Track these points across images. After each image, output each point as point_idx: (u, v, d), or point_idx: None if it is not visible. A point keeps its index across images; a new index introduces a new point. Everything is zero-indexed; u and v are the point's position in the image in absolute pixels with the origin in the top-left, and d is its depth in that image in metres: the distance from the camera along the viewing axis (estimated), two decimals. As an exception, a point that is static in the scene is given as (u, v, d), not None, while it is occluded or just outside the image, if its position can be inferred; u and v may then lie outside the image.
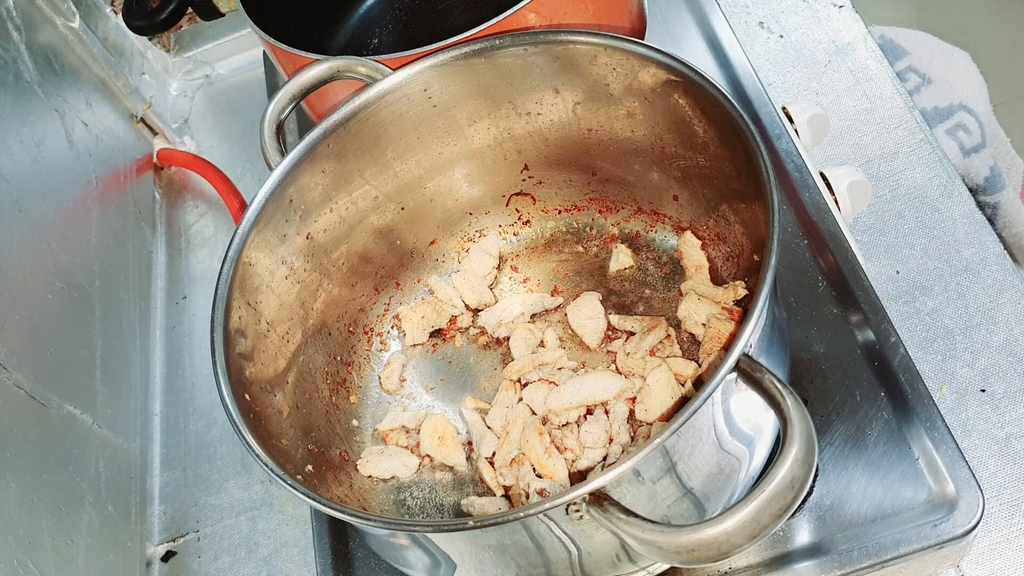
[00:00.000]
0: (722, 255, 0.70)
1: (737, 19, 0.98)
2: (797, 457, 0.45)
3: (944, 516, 0.61)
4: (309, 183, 0.68)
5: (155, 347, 0.94)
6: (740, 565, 0.63)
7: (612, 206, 0.76)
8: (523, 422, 0.66)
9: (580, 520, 0.49)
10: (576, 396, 0.65)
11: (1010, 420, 0.72)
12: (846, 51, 0.94)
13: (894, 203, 0.84)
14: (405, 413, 0.72)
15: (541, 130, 0.73)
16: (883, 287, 0.79)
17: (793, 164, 0.78)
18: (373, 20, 0.91)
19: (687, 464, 0.53)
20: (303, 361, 0.69)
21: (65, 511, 0.71)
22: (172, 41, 1.18)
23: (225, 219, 1.01)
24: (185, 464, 0.87)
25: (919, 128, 0.88)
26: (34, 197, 0.80)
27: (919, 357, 0.75)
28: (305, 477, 0.62)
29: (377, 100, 0.68)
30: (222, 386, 0.58)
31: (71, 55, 0.95)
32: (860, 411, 0.67)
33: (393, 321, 0.77)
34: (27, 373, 0.71)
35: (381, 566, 0.69)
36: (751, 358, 0.50)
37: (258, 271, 0.65)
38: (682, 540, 0.45)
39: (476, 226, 0.79)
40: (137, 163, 1.02)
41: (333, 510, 0.52)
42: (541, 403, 0.67)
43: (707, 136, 0.64)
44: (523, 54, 0.67)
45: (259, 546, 0.81)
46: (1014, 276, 0.78)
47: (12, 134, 0.80)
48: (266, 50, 0.88)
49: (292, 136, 0.93)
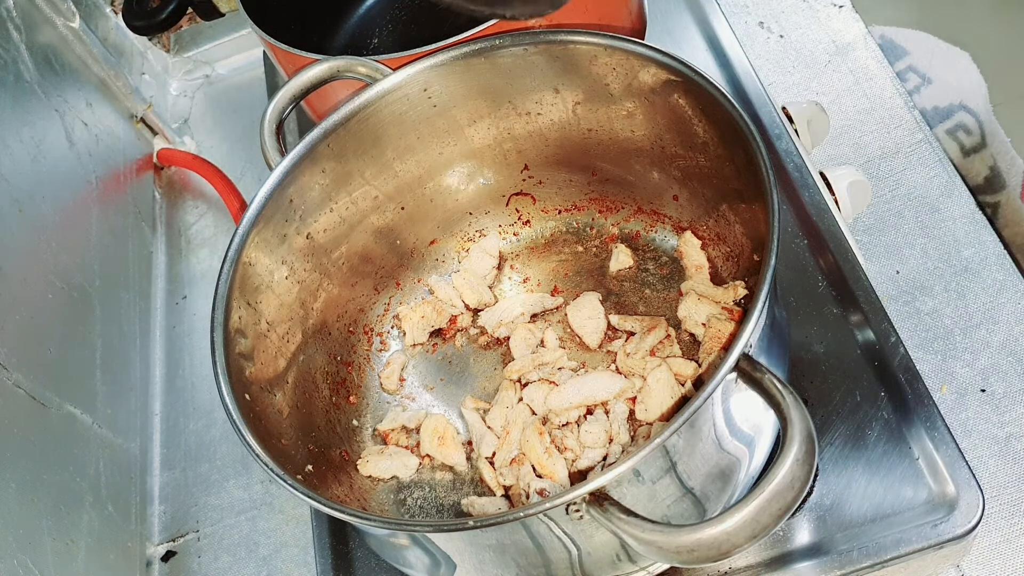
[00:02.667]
0: (722, 255, 0.70)
1: (737, 19, 0.98)
2: (797, 457, 0.45)
3: (944, 516, 0.61)
4: (309, 183, 0.68)
5: (155, 347, 0.94)
6: (740, 565, 0.63)
7: (612, 206, 0.76)
8: (523, 422, 0.66)
9: (580, 520, 0.49)
10: (576, 396, 0.65)
11: (1010, 420, 0.72)
12: (846, 51, 0.94)
13: (894, 203, 0.84)
14: (405, 413, 0.72)
15: (541, 130, 0.73)
16: (883, 287, 0.79)
17: (793, 164, 0.78)
18: (373, 20, 0.91)
19: (687, 464, 0.53)
20: (303, 361, 0.69)
21: (65, 511, 0.71)
22: (172, 41, 1.18)
23: (225, 219, 1.01)
24: (185, 464, 0.87)
25: (919, 128, 0.88)
26: (34, 197, 0.80)
27: (919, 357, 0.75)
28: (305, 477, 0.62)
29: (377, 100, 0.68)
30: (222, 386, 0.58)
31: (71, 55, 0.95)
32: (860, 411, 0.67)
33: (393, 321, 0.77)
34: (27, 373, 0.71)
35: (381, 566, 0.69)
36: (751, 358, 0.50)
37: (258, 271, 0.65)
38: (682, 540, 0.45)
39: (476, 226, 0.79)
40: (137, 163, 1.02)
41: (333, 510, 0.52)
42: (541, 403, 0.67)
43: (707, 136, 0.64)
44: (523, 54, 0.67)
45: (259, 546, 0.81)
46: (1014, 276, 0.78)
47: (12, 134, 0.80)
48: (266, 50, 0.88)
49: (292, 136, 0.93)
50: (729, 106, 0.58)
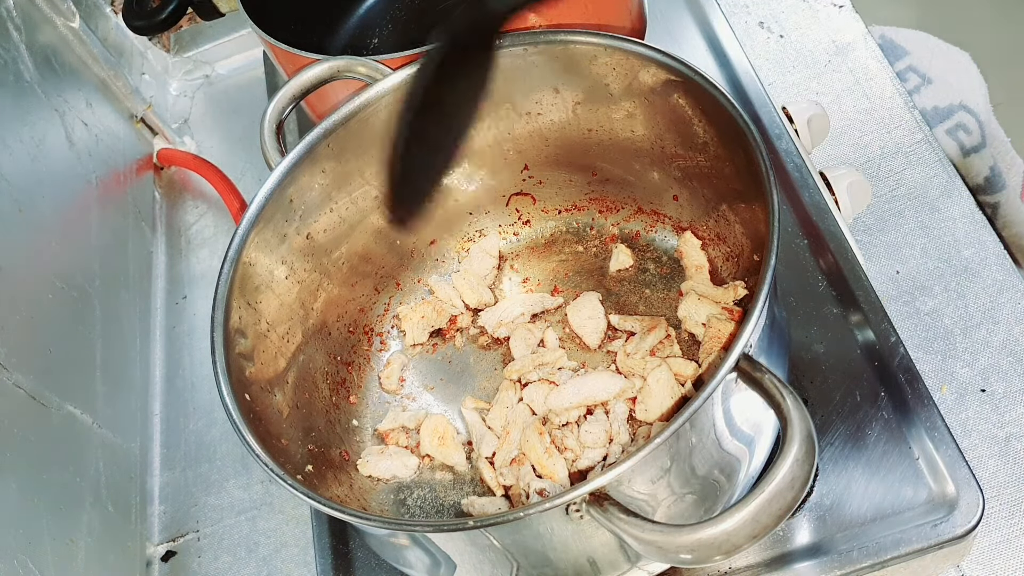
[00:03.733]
0: (722, 255, 0.70)
1: (737, 19, 0.98)
2: (797, 457, 0.45)
3: (944, 516, 0.61)
4: (309, 183, 0.68)
5: (155, 347, 0.94)
6: (740, 565, 0.63)
7: (612, 206, 0.76)
8: (523, 422, 0.66)
9: (580, 520, 0.49)
10: (576, 396, 0.65)
11: (1010, 420, 0.72)
12: (846, 51, 0.94)
13: (894, 203, 0.84)
14: (405, 413, 0.72)
15: (541, 130, 0.73)
16: (883, 287, 0.79)
17: (793, 164, 0.78)
18: (373, 20, 0.91)
19: (687, 464, 0.53)
20: (303, 361, 0.69)
21: (65, 511, 0.71)
22: (172, 41, 1.18)
23: (225, 219, 1.01)
24: (185, 464, 0.87)
25: (919, 128, 0.88)
26: (34, 197, 0.80)
27: (919, 357, 0.75)
28: (305, 477, 0.62)
29: (377, 100, 0.68)
30: (222, 386, 0.58)
31: (71, 55, 0.95)
32: (860, 411, 0.67)
33: (393, 321, 0.77)
34: (27, 373, 0.71)
35: (381, 566, 0.69)
36: (751, 358, 0.50)
37: (258, 271, 0.65)
38: (682, 540, 0.45)
39: (476, 226, 0.79)
40: (137, 163, 1.02)
41: (333, 510, 0.52)
42: (541, 403, 0.67)
43: (707, 136, 0.64)
44: (523, 54, 0.67)
45: (259, 546, 0.81)
46: (1014, 276, 0.78)
47: (12, 134, 0.80)
48: (266, 50, 0.88)
49: (292, 136, 0.93)
50: (729, 106, 0.58)
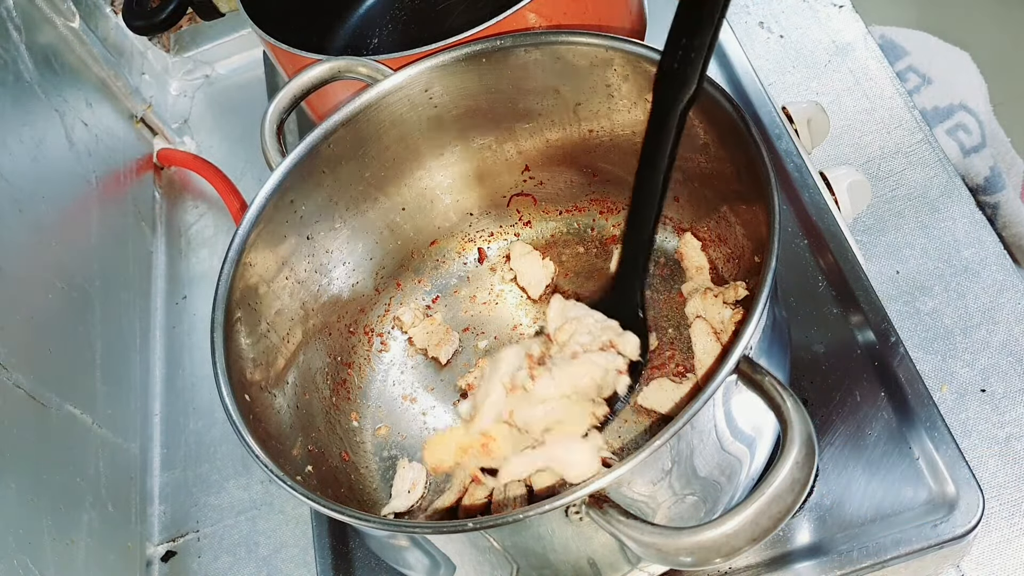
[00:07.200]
0: (723, 256, 0.70)
1: (737, 19, 0.98)
2: (797, 459, 0.45)
3: (944, 516, 0.62)
4: (310, 184, 0.68)
5: (155, 347, 0.94)
6: (740, 565, 0.63)
7: (613, 207, 0.76)
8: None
9: (580, 522, 0.49)
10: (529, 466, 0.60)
11: (1010, 420, 0.72)
12: (846, 51, 0.94)
13: (894, 203, 0.84)
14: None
15: (542, 130, 0.73)
16: (883, 287, 0.79)
17: (793, 164, 0.78)
18: (373, 20, 0.91)
19: (687, 465, 0.53)
20: (303, 361, 0.69)
21: (65, 511, 0.71)
22: (172, 41, 1.18)
23: (225, 219, 1.01)
24: (185, 464, 0.87)
25: (919, 128, 0.88)
26: (34, 197, 0.80)
27: (919, 357, 0.75)
28: (305, 477, 0.62)
29: (378, 100, 0.68)
30: (222, 386, 0.58)
31: (71, 55, 0.95)
32: (860, 411, 0.67)
33: (393, 321, 0.77)
34: (27, 373, 0.71)
35: (381, 567, 0.69)
36: (751, 360, 0.50)
37: (258, 271, 0.65)
38: (682, 542, 0.45)
39: (476, 226, 0.79)
40: (137, 163, 1.02)
41: (333, 511, 0.52)
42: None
43: (707, 137, 0.64)
44: (524, 55, 0.67)
45: (259, 546, 0.81)
46: (1014, 276, 0.78)
47: (12, 134, 0.80)
48: (266, 50, 0.88)
49: (292, 136, 0.93)
50: (729, 106, 0.58)
